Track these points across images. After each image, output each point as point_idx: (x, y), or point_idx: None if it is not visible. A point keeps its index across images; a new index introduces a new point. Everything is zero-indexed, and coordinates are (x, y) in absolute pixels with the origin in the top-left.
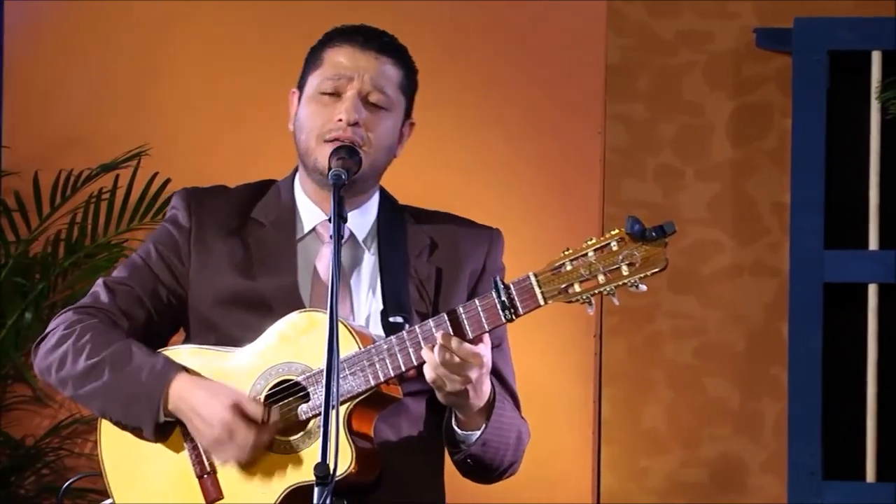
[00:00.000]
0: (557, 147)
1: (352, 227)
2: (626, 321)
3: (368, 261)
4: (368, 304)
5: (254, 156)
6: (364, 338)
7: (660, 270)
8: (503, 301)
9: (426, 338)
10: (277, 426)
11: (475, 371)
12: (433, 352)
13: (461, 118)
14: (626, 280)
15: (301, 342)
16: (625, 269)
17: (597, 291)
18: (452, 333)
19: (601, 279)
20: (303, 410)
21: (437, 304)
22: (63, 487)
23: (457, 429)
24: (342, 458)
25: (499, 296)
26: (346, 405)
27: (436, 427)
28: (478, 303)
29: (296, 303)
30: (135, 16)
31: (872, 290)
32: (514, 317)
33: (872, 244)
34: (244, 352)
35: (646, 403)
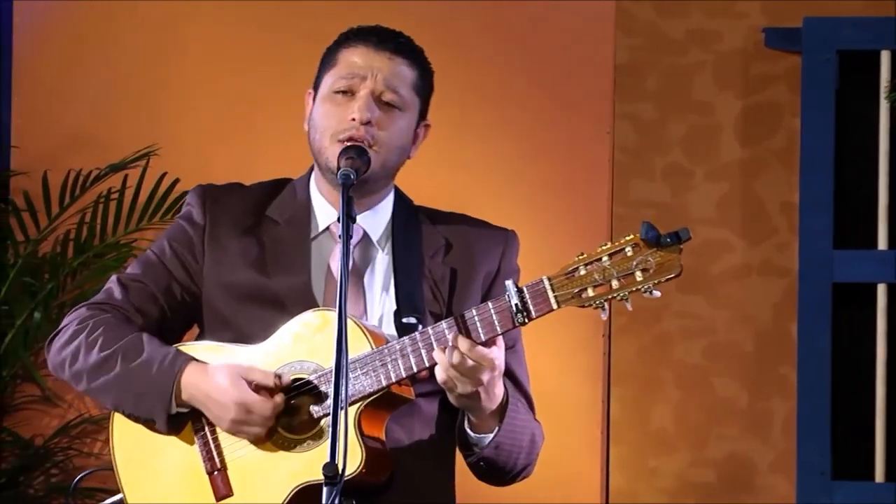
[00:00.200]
0: (566, 147)
1: (365, 227)
2: (635, 321)
3: (382, 261)
4: (382, 305)
5: (263, 155)
6: (377, 338)
7: (674, 277)
8: (516, 305)
9: (439, 339)
10: (290, 386)
11: (487, 374)
12: (445, 353)
13: (469, 118)
14: (640, 286)
15: (314, 341)
16: (639, 275)
17: (610, 297)
18: (465, 336)
19: (615, 284)
20: (314, 409)
21: (451, 306)
22: (73, 483)
23: (469, 431)
24: (351, 458)
25: (512, 299)
26: (357, 405)
27: (448, 428)
28: (491, 306)
29: (309, 301)
30: (144, 16)
31: (881, 290)
32: (527, 320)
33: (881, 244)
34: (258, 349)
35: (654, 403)
